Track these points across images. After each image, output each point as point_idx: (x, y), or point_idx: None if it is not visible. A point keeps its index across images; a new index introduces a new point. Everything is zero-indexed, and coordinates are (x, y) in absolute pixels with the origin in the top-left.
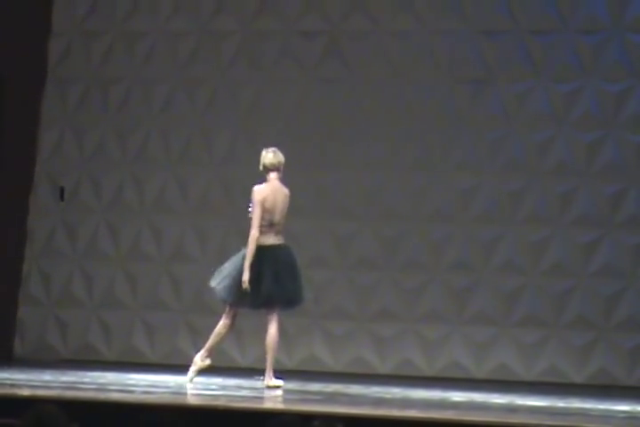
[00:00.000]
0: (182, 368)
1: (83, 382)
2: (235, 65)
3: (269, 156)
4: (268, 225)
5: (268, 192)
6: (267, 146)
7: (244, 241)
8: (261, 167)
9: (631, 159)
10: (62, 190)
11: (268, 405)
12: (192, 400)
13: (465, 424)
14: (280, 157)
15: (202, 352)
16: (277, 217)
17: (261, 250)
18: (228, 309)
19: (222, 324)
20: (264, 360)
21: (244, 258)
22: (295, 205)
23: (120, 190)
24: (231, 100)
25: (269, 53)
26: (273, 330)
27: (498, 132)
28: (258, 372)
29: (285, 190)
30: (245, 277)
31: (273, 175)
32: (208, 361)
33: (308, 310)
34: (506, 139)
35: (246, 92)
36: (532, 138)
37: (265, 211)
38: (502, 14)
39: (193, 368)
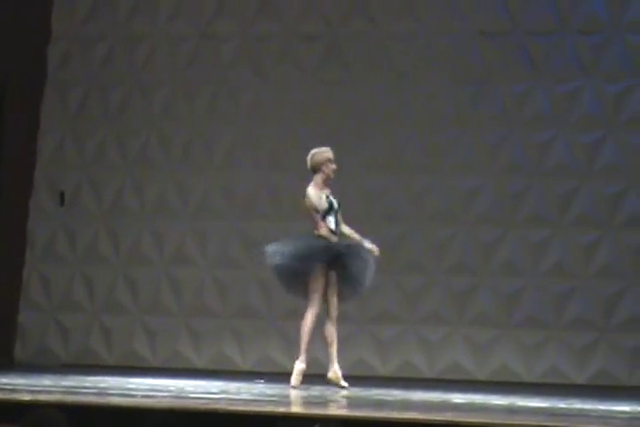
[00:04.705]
0: (183, 372)
1: (83, 387)
2: (235, 68)
3: (308, 158)
4: None
5: None
6: (267, 149)
7: (244, 244)
8: None
9: (631, 160)
10: (62, 195)
11: (268, 408)
12: (192, 404)
13: (466, 426)
14: (314, 158)
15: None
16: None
17: None
18: None
19: None
20: (264, 363)
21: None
22: (296, 208)
23: (120, 194)
24: (231, 103)
25: (269, 56)
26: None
27: (498, 134)
28: (258, 375)
29: (305, 192)
30: None
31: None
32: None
33: None
34: (506, 140)
35: (246, 96)
36: (532, 139)
37: None
38: (502, 15)
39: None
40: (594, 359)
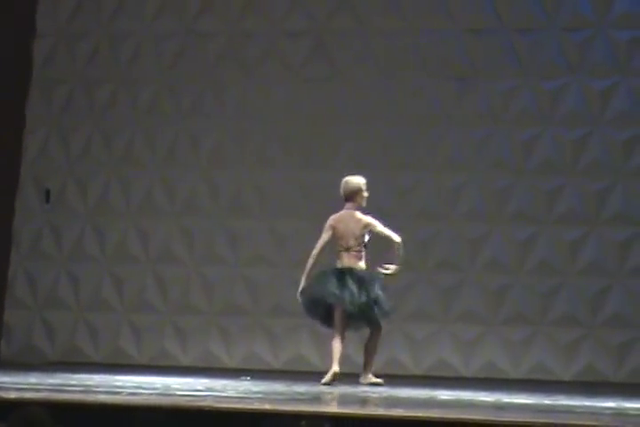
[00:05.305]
0: (169, 370)
1: (70, 385)
2: (220, 66)
3: (341, 185)
4: (344, 249)
5: (337, 220)
6: (253, 147)
7: (230, 241)
8: None
9: (617, 156)
10: (48, 193)
11: (254, 405)
12: (179, 401)
13: (452, 423)
14: (347, 187)
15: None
16: (350, 242)
17: (341, 270)
18: None
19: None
20: (250, 360)
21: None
22: (282, 206)
23: (106, 192)
24: (217, 100)
25: (255, 54)
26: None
27: (484, 131)
28: (244, 372)
29: (357, 218)
30: (300, 288)
31: (347, 204)
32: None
33: (296, 312)
34: (492, 137)
35: (232, 93)
36: (518, 136)
37: (336, 237)
38: (488, 12)
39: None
40: (580, 356)
